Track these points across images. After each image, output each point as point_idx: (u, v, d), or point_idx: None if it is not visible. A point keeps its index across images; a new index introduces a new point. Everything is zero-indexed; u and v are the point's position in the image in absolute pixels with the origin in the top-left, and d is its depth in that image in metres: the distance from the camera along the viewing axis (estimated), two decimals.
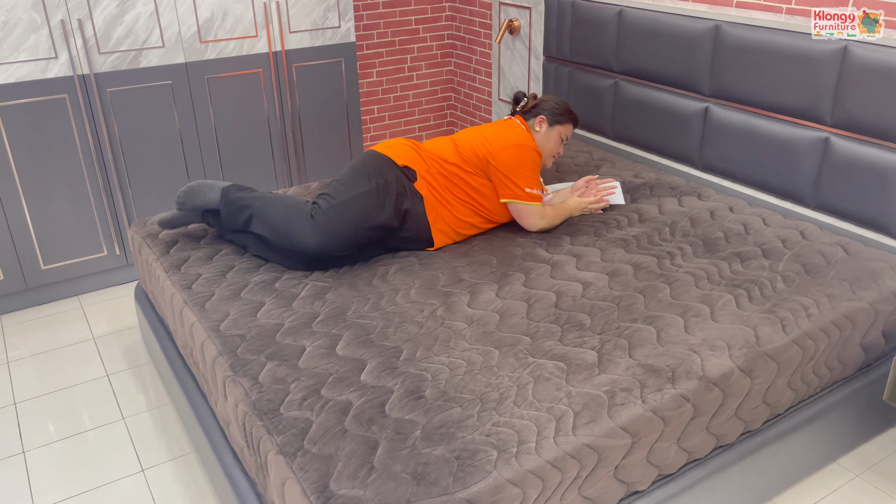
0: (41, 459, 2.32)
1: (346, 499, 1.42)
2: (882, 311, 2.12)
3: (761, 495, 2.07)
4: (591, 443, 1.58)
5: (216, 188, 2.40)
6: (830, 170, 2.43)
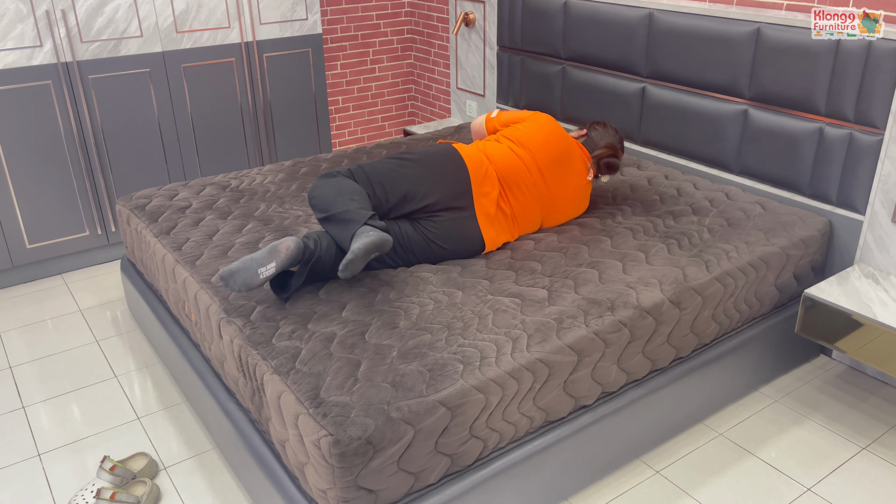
0: (42, 413, 2.50)
1: (335, 403, 1.67)
2: (792, 255, 2.44)
3: (693, 416, 2.37)
4: (543, 358, 1.86)
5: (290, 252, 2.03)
6: (750, 138, 2.76)
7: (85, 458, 2.30)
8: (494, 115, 2.70)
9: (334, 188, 2.17)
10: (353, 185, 2.19)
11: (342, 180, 2.21)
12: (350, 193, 2.15)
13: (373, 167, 2.30)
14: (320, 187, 2.20)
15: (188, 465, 2.26)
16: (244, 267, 1.97)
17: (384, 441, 1.61)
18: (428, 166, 2.33)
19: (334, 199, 2.13)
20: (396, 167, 2.31)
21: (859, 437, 2.34)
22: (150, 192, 2.87)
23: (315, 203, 2.18)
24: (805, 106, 2.56)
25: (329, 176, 2.25)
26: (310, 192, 2.23)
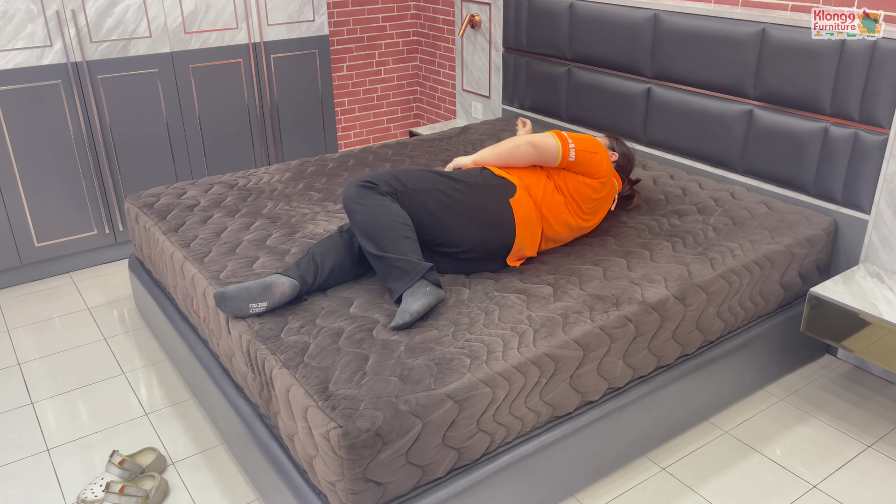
0: (50, 408, 2.52)
1: (344, 396, 1.68)
2: (797, 254, 2.45)
3: (699, 414, 2.38)
4: (549, 352, 1.87)
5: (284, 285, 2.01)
6: (755, 138, 2.78)
7: (93, 453, 2.31)
8: (573, 151, 2.28)
9: (383, 215, 2.03)
10: (401, 215, 2.06)
11: (389, 204, 2.06)
12: (402, 229, 2.03)
13: (418, 196, 2.13)
14: (366, 208, 2.05)
15: (196, 460, 2.27)
16: (237, 296, 1.97)
17: (392, 433, 1.63)
18: (476, 218, 2.16)
19: (386, 234, 2.01)
20: (441, 205, 2.14)
21: (865, 434, 2.34)
22: (159, 191, 2.89)
23: (359, 224, 2.05)
24: (810, 106, 2.58)
25: (370, 188, 2.09)
26: (349, 203, 2.08)
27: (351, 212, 2.09)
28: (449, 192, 2.18)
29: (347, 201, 2.10)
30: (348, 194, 2.11)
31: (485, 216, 2.18)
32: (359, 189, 2.10)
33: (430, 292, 1.95)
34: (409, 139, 3.57)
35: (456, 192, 2.18)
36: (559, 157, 2.27)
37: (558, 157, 2.27)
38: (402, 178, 2.16)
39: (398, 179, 2.15)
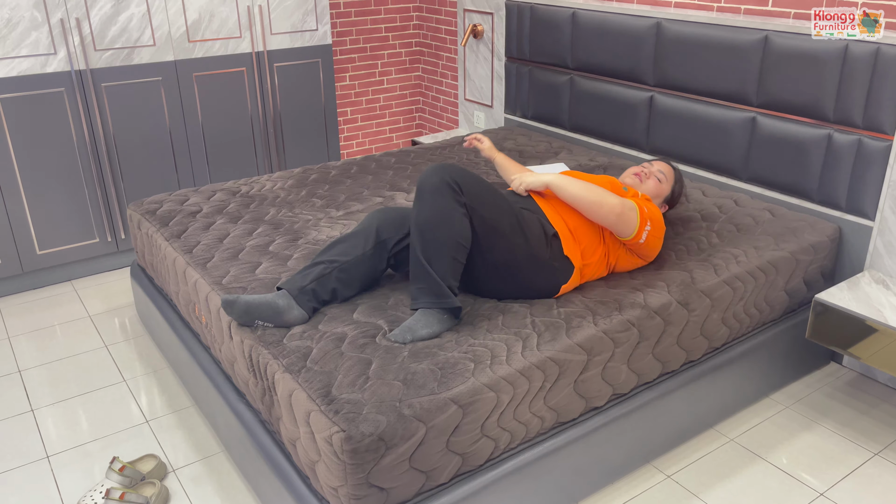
0: (50, 416, 2.50)
1: (347, 400, 1.67)
2: (802, 261, 2.44)
3: (704, 421, 2.36)
4: (553, 356, 1.85)
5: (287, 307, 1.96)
6: (758, 145, 2.77)
7: (93, 460, 2.29)
8: (645, 235, 2.14)
9: (448, 226, 1.92)
10: (464, 236, 1.94)
11: (459, 219, 1.93)
12: (456, 249, 1.93)
13: (487, 234, 2.00)
14: (436, 208, 1.92)
15: (197, 468, 2.25)
16: (246, 311, 1.94)
17: (396, 438, 1.61)
18: (520, 287, 2.08)
19: (439, 246, 1.91)
20: (500, 256, 2.02)
21: (871, 442, 2.32)
22: (161, 198, 2.88)
23: (421, 219, 1.93)
24: (813, 112, 2.57)
25: (452, 190, 1.94)
26: (424, 190, 1.95)
27: (421, 199, 1.96)
28: (514, 249, 2.03)
29: (423, 186, 1.97)
30: (429, 181, 1.96)
31: (530, 287, 2.08)
32: (441, 184, 1.95)
33: (445, 321, 1.92)
34: (412, 147, 3.58)
35: (520, 252, 2.03)
36: (631, 236, 2.13)
37: (630, 236, 2.13)
38: (486, 203, 2.01)
39: (482, 202, 2.00)
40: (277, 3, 3.57)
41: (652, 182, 2.42)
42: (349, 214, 2.71)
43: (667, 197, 2.45)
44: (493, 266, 2.04)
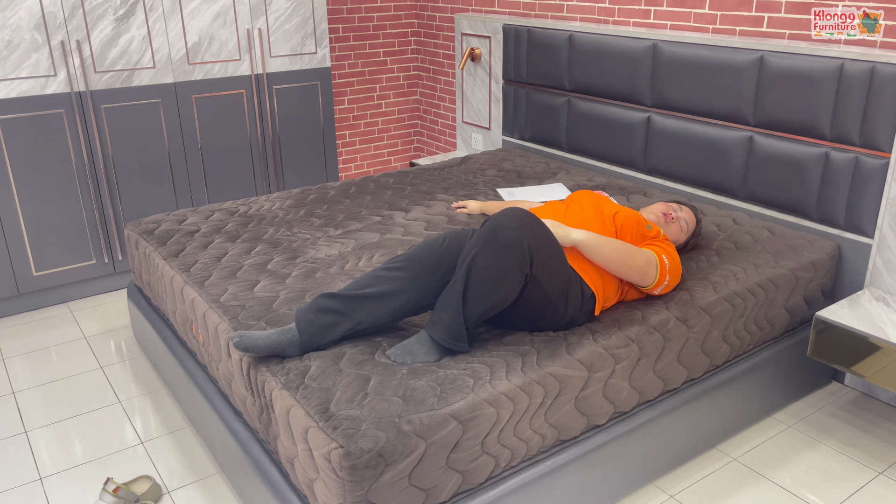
0: (44, 438, 2.47)
1: (346, 416, 1.65)
2: (802, 278, 2.44)
3: (706, 441, 2.33)
4: (553, 372, 1.84)
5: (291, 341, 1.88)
6: (756, 164, 2.78)
7: (86, 482, 2.25)
8: (662, 288, 2.13)
9: (499, 287, 1.83)
10: (507, 299, 1.86)
11: (513, 287, 1.85)
12: (493, 307, 1.85)
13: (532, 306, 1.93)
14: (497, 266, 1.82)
15: (193, 489, 2.22)
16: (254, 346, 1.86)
17: (395, 454, 1.59)
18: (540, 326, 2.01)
19: (480, 298, 1.82)
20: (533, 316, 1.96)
21: (875, 461, 2.29)
22: (159, 218, 2.88)
23: (477, 267, 1.82)
24: (810, 131, 2.59)
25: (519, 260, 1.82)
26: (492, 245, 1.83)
27: (488, 245, 1.83)
28: (552, 313, 1.97)
29: (498, 234, 1.83)
30: (506, 235, 1.82)
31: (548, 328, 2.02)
32: (516, 245, 1.82)
33: (444, 353, 1.88)
34: (410, 168, 3.58)
35: (557, 315, 1.98)
36: (647, 287, 2.12)
37: (646, 287, 2.12)
38: (548, 273, 1.91)
39: (546, 272, 1.90)
40: (277, 26, 3.60)
41: (675, 228, 2.39)
42: (347, 233, 2.71)
43: (679, 246, 2.45)
44: (522, 318, 1.99)
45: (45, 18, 3.02)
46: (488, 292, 1.83)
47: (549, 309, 1.96)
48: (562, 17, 3.67)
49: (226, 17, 3.45)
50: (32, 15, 2.99)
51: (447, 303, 1.86)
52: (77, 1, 3.07)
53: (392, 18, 4.60)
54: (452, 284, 1.87)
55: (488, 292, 1.83)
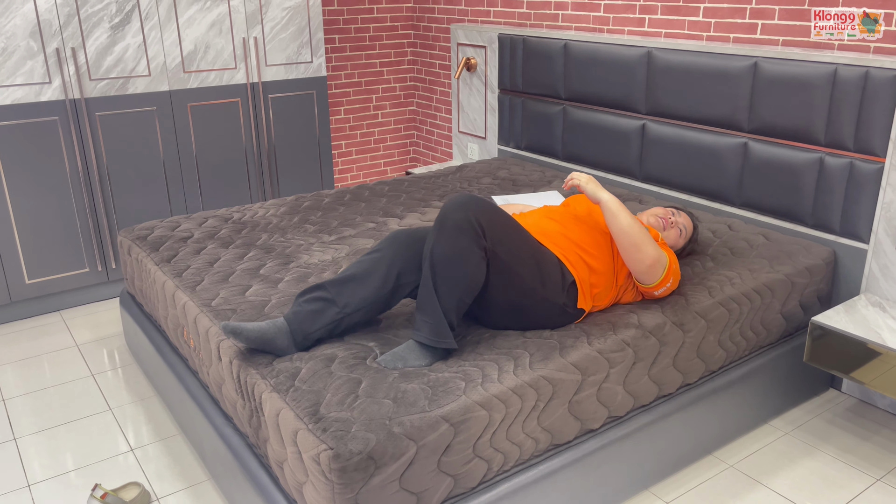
0: (33, 445, 2.44)
1: (336, 419, 1.62)
2: (798, 283, 2.42)
3: (703, 447, 2.30)
4: (546, 375, 1.82)
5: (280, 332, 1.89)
6: (751, 171, 2.78)
7: (75, 489, 2.22)
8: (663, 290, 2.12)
9: (462, 267, 1.85)
10: (476, 281, 1.88)
11: (476, 263, 1.86)
12: (466, 291, 1.87)
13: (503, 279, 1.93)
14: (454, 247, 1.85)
15: (182, 496, 2.19)
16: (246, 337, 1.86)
17: (386, 457, 1.56)
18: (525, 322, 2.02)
19: (450, 284, 1.84)
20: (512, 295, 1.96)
21: (873, 468, 2.27)
22: (153, 224, 2.87)
23: (437, 254, 1.85)
24: (804, 136, 2.59)
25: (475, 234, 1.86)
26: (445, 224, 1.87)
27: (441, 233, 1.87)
28: (529, 293, 1.97)
29: (446, 220, 1.88)
30: (453, 217, 1.87)
31: (535, 326, 2.03)
32: (464, 223, 1.86)
33: (438, 353, 1.87)
34: (406, 177, 3.58)
35: (535, 297, 1.98)
36: (650, 286, 2.10)
37: (648, 286, 2.10)
38: (507, 246, 1.93)
39: (503, 244, 1.92)
40: (273, 35, 3.61)
41: (674, 232, 2.38)
42: (341, 239, 2.70)
43: (677, 251, 2.44)
44: (502, 305, 1.99)
45: (41, 26, 3.02)
46: (456, 275, 1.85)
47: (524, 290, 1.95)
48: (557, 27, 3.68)
49: (221, 26, 3.45)
50: (28, 22, 2.99)
51: (423, 302, 1.87)
52: (73, 8, 3.07)
53: (388, 29, 4.62)
54: (423, 283, 1.88)
55: (456, 275, 1.85)
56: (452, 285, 1.85)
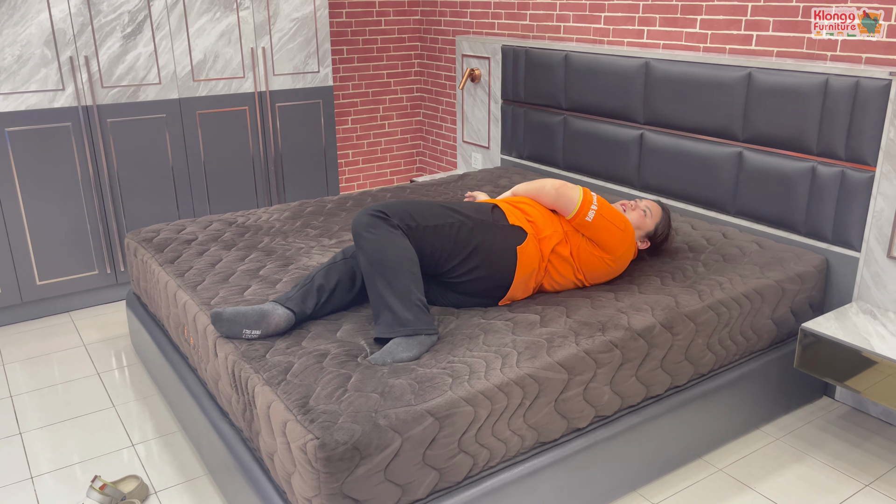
0: (38, 439, 2.51)
1: (323, 411, 1.67)
2: (788, 290, 2.45)
3: (692, 451, 2.33)
4: (532, 373, 1.86)
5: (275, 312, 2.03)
6: (745, 179, 2.81)
7: (76, 482, 2.28)
8: (592, 213, 2.22)
9: (392, 249, 2.02)
10: (409, 251, 2.05)
11: (399, 239, 2.05)
12: (408, 265, 2.02)
13: (428, 232, 2.12)
14: (375, 238, 2.03)
15: (179, 490, 2.24)
16: (233, 319, 2.00)
17: (371, 448, 1.61)
18: (479, 256, 2.15)
19: (393, 268, 2.00)
20: (449, 240, 2.14)
21: (863, 474, 2.28)
22: (159, 227, 2.94)
23: (367, 253, 2.03)
24: (797, 146, 2.62)
25: (382, 219, 2.07)
26: (359, 230, 2.06)
27: (359, 238, 2.06)
28: (459, 228, 2.16)
29: (357, 228, 2.08)
30: (359, 221, 2.08)
31: (489, 256, 2.16)
32: (370, 218, 2.08)
33: (423, 342, 1.94)
34: (408, 184, 3.64)
35: (464, 230, 2.16)
36: (575, 210, 2.22)
37: (573, 210, 2.23)
38: (415, 214, 2.14)
39: (410, 215, 2.13)
40: (280, 45, 3.70)
41: (637, 214, 2.46)
42: (341, 243, 2.76)
43: (649, 232, 2.48)
44: (447, 253, 2.14)
45: (55, 34, 3.13)
46: (392, 257, 2.02)
47: (454, 231, 2.15)
48: (559, 38, 3.74)
49: (231, 36, 3.55)
50: (43, 31, 3.10)
51: (376, 305, 2.02)
52: (86, 18, 3.18)
53: (396, 41, 4.71)
54: (369, 289, 2.04)
55: (392, 257, 2.02)
56: (395, 265, 2.01)
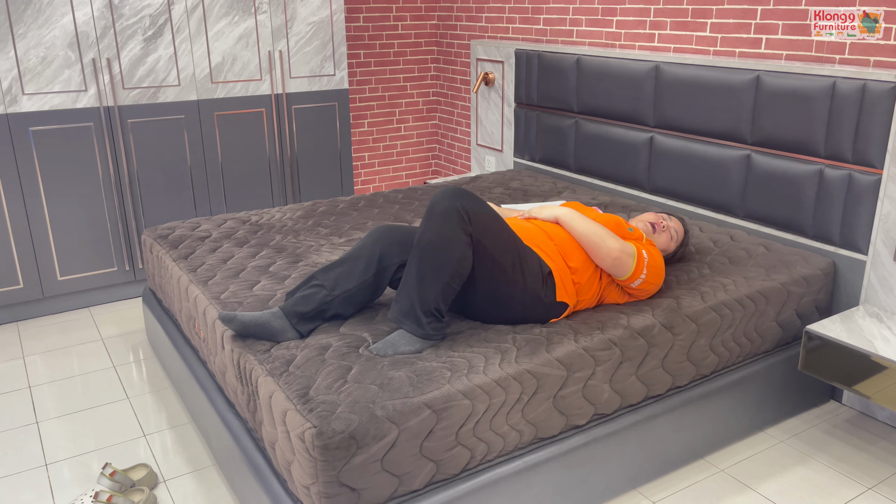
0: (53, 428, 2.58)
1: (323, 401, 1.72)
2: (794, 293, 2.45)
3: (694, 451, 2.33)
4: (531, 369, 1.89)
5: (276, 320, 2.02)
6: (753, 182, 2.81)
7: (88, 469, 2.35)
8: (640, 281, 2.18)
9: (449, 251, 1.94)
10: (464, 266, 1.97)
11: (462, 248, 1.96)
12: (453, 277, 1.95)
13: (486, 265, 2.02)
14: (441, 233, 1.95)
15: (187, 479, 2.30)
16: (241, 328, 2.00)
17: (367, 437, 1.65)
18: (509, 317, 2.11)
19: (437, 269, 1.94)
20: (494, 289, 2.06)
21: (866, 477, 2.27)
22: (175, 224, 3.01)
23: (425, 241, 1.96)
24: (805, 148, 2.62)
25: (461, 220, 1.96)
26: (435, 212, 1.97)
27: (429, 221, 1.98)
28: (512, 284, 2.06)
29: (433, 209, 1.99)
30: (440, 205, 1.98)
31: (520, 320, 2.11)
32: (451, 210, 1.97)
33: (426, 343, 1.97)
34: (421, 186, 3.68)
35: (517, 288, 2.06)
36: (624, 278, 2.18)
37: (623, 278, 2.18)
38: (491, 236, 2.03)
39: (488, 234, 2.02)
40: (297, 48, 3.77)
41: (665, 237, 2.45)
42: (350, 242, 2.80)
43: (668, 254, 2.50)
44: (487, 296, 2.08)
45: (79, 37, 3.22)
46: (442, 260, 1.94)
47: (506, 280, 2.04)
48: (571, 42, 3.77)
49: (248, 40, 3.62)
50: (66, 33, 3.19)
51: (408, 290, 1.96)
52: (109, 21, 3.27)
53: (412, 45, 4.76)
54: (408, 270, 1.98)
55: (442, 260, 1.94)
56: (439, 269, 1.95)
